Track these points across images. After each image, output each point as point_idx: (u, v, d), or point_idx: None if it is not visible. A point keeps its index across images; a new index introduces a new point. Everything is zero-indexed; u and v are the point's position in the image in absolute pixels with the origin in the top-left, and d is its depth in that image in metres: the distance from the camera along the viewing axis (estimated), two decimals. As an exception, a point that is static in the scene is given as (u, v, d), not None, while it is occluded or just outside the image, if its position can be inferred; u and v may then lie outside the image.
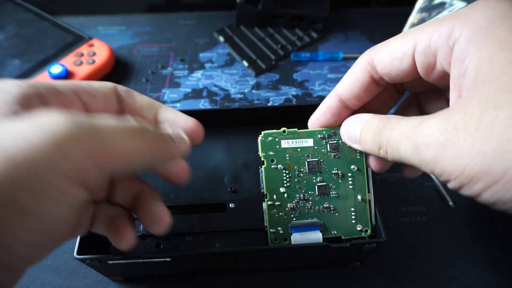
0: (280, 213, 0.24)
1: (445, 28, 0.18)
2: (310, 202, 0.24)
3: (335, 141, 0.24)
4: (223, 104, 0.40)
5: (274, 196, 0.23)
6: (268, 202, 0.23)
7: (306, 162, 0.23)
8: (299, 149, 0.23)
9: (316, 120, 0.24)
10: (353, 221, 0.24)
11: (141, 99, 0.22)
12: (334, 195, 0.24)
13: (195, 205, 0.28)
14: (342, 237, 0.24)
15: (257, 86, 0.42)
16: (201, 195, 0.28)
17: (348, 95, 0.22)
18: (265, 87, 0.42)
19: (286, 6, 0.46)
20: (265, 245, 0.24)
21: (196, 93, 0.41)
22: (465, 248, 0.30)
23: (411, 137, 0.17)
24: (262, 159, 0.23)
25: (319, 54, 0.44)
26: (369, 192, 0.24)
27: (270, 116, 0.31)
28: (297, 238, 0.24)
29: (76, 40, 0.42)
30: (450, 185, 0.16)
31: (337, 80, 0.43)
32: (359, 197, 0.24)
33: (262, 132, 0.23)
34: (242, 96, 0.41)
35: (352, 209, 0.24)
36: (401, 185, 0.26)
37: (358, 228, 0.24)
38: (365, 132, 0.21)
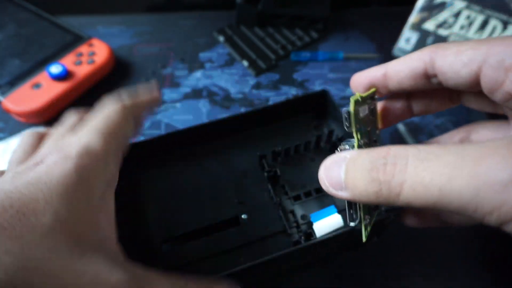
0: None
1: None
2: None
3: (373, 107, 0.22)
4: (223, 104, 0.40)
5: None
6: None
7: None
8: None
9: (357, 80, 0.22)
10: None
11: None
12: None
13: (205, 227, 0.26)
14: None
15: (257, 86, 0.42)
16: (209, 215, 0.26)
17: (393, 74, 0.21)
18: (265, 87, 0.42)
19: (286, 6, 0.46)
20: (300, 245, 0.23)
21: (196, 93, 0.41)
22: (465, 248, 0.30)
23: (472, 173, 0.13)
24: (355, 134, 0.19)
25: (319, 54, 0.44)
26: None
27: (256, 119, 0.30)
28: (319, 228, 0.24)
29: (75, 40, 0.42)
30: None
31: (338, 79, 0.43)
32: None
33: (357, 95, 0.19)
34: (242, 96, 0.41)
35: None
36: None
37: None
38: (352, 171, 0.16)
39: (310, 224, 0.25)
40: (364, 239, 0.20)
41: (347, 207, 0.19)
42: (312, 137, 0.29)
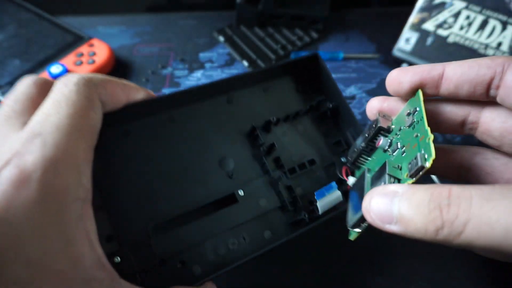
0: None
1: None
2: None
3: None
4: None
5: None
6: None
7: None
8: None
9: (403, 76, 0.20)
10: None
11: None
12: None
13: (201, 207, 0.24)
14: None
15: (257, 86, 0.42)
16: (201, 194, 0.24)
17: (453, 76, 0.19)
18: (265, 87, 0.42)
19: (286, 6, 0.46)
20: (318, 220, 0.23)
21: (196, 93, 0.41)
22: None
23: None
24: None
25: (319, 54, 0.44)
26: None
27: (240, 85, 0.27)
28: (322, 204, 0.24)
29: (76, 40, 0.42)
30: None
31: (338, 79, 0.43)
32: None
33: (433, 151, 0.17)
34: (242, 96, 0.41)
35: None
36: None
37: None
38: (408, 208, 0.15)
39: (310, 201, 0.25)
40: (353, 238, 0.20)
41: (361, 218, 0.19)
42: (303, 106, 0.28)
